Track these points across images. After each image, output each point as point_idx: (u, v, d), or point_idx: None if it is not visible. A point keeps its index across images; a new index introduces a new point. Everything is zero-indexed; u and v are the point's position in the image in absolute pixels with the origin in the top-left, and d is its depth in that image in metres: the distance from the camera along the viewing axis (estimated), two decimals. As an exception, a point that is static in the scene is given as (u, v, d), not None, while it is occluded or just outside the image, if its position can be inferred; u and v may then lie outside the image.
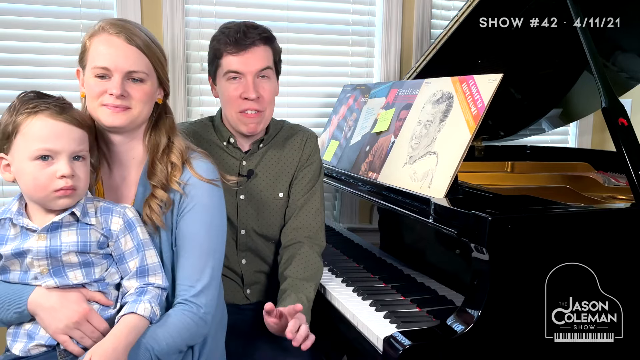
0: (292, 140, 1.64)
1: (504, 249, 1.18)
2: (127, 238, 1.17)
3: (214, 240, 1.26)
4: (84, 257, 1.13)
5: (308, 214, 1.58)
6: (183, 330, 1.18)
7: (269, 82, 1.54)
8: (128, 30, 1.19)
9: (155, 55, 1.23)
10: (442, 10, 2.65)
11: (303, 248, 1.53)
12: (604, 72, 1.41)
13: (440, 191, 1.37)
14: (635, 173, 1.31)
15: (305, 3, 2.47)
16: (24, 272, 1.13)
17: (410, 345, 1.13)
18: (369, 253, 1.73)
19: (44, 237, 1.10)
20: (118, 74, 1.17)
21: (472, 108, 1.42)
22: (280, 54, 1.60)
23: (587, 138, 2.94)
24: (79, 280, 1.13)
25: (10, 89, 2.12)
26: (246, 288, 1.61)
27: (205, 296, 1.22)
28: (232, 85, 1.51)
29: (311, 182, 1.61)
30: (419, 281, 1.45)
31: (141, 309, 1.12)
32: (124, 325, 1.10)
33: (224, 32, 1.52)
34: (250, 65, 1.49)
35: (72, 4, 2.17)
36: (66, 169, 1.08)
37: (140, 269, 1.17)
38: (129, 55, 1.18)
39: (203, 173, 1.26)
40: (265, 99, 1.52)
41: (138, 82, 1.20)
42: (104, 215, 1.16)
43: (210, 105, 2.39)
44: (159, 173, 1.23)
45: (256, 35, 1.49)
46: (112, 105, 1.18)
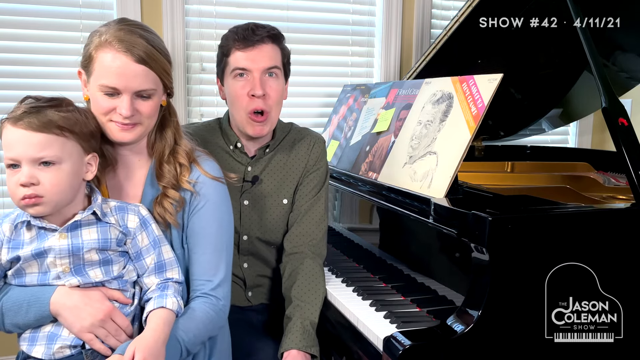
0: (300, 145, 1.62)
1: (504, 249, 1.18)
2: (143, 235, 1.18)
3: (225, 235, 1.29)
4: (104, 255, 1.14)
5: (312, 221, 1.56)
6: (207, 321, 1.22)
7: (277, 81, 1.52)
8: (136, 45, 1.15)
9: (161, 66, 1.19)
10: (442, 10, 2.65)
11: (306, 261, 1.51)
12: (604, 72, 1.41)
13: (440, 191, 1.37)
14: (635, 173, 1.31)
15: (305, 3, 2.47)
16: (43, 273, 1.12)
17: (410, 345, 1.13)
18: (369, 253, 1.73)
19: (65, 236, 1.10)
20: (127, 95, 1.15)
21: (472, 108, 1.42)
22: (289, 56, 1.58)
23: (587, 138, 2.94)
24: (99, 279, 1.14)
25: (10, 89, 2.13)
26: (248, 291, 1.62)
27: (223, 289, 1.26)
28: (239, 82, 1.50)
29: (316, 188, 1.59)
30: (419, 281, 1.45)
31: (170, 303, 1.15)
32: (159, 319, 1.13)
33: (232, 31, 1.51)
34: (258, 62, 1.48)
35: (72, 4, 2.18)
36: (23, 177, 1.05)
37: (158, 264, 1.19)
38: (137, 75, 1.15)
39: (211, 171, 1.29)
40: (271, 98, 1.50)
41: (146, 99, 1.18)
42: (120, 213, 1.17)
43: (210, 105, 2.39)
44: (167, 174, 1.24)
45: (264, 32, 1.48)
46: (122, 123, 1.17)
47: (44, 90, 1.16)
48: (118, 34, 1.15)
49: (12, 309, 1.12)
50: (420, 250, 1.49)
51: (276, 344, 1.45)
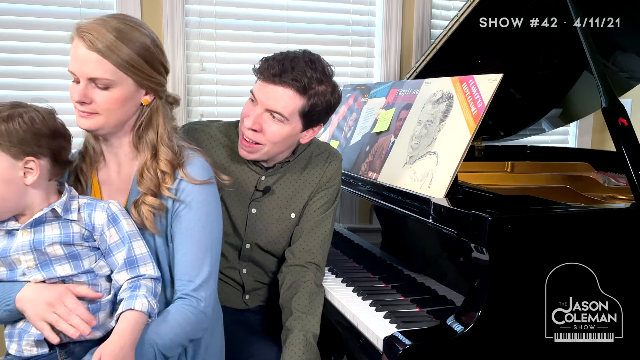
0: (316, 160, 1.57)
1: (504, 249, 1.18)
2: (111, 231, 1.17)
3: (210, 235, 1.26)
4: (70, 249, 1.14)
5: (317, 238, 1.54)
6: (185, 324, 1.19)
7: (278, 125, 1.41)
8: (97, 35, 1.13)
9: (125, 61, 1.15)
10: (442, 10, 2.65)
11: (308, 275, 1.49)
12: (604, 72, 1.41)
13: (440, 191, 1.37)
14: (635, 173, 1.31)
15: (305, 3, 2.47)
16: (11, 271, 1.14)
17: (410, 345, 1.13)
18: (369, 253, 1.73)
19: (28, 232, 1.12)
20: (83, 80, 1.15)
21: (472, 108, 1.42)
22: (322, 108, 1.44)
23: (587, 138, 2.94)
24: (67, 273, 1.14)
25: (10, 89, 2.13)
26: (246, 295, 1.61)
27: (205, 290, 1.23)
28: (248, 104, 1.45)
29: (326, 205, 1.56)
30: (419, 281, 1.45)
31: (138, 305, 1.12)
32: (126, 323, 1.11)
33: (272, 58, 1.42)
34: (266, 100, 1.40)
35: (72, 4, 2.18)
36: None
37: (128, 260, 1.17)
38: (89, 61, 1.14)
39: (197, 175, 1.24)
40: (267, 136, 1.42)
41: (103, 89, 1.16)
42: (87, 210, 1.17)
43: (210, 105, 2.40)
44: (147, 181, 1.21)
45: (290, 77, 1.37)
46: (79, 110, 1.18)
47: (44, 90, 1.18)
48: (89, 24, 1.15)
49: None
50: (420, 250, 1.49)
51: (275, 344, 1.45)
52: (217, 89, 2.40)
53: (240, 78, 2.41)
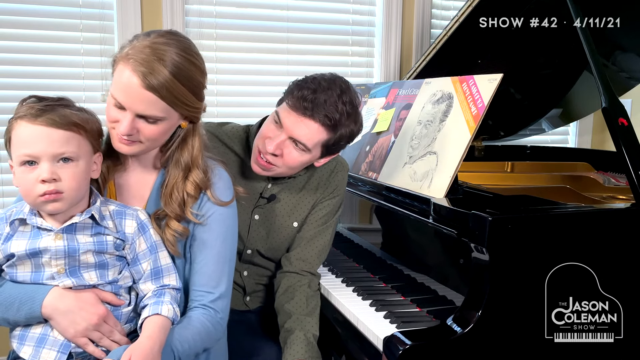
0: (323, 169, 1.56)
1: (504, 249, 1.18)
2: (141, 240, 1.18)
3: (229, 247, 1.27)
4: (100, 258, 1.13)
5: (315, 249, 1.53)
6: (203, 333, 1.20)
7: (299, 153, 1.40)
8: (154, 72, 1.08)
9: (177, 98, 1.12)
10: (442, 10, 2.65)
11: (304, 281, 1.50)
12: (604, 72, 1.41)
13: (440, 191, 1.37)
14: (635, 173, 1.31)
15: (305, 3, 2.47)
16: (37, 272, 1.12)
17: (410, 345, 1.13)
18: (369, 253, 1.73)
19: (61, 237, 1.10)
20: (130, 113, 1.12)
21: (472, 108, 1.42)
22: (343, 142, 1.44)
23: (587, 138, 2.94)
24: (94, 282, 1.13)
25: (10, 89, 2.13)
26: (246, 296, 1.61)
27: (222, 302, 1.24)
28: (271, 125, 1.41)
29: (328, 216, 1.56)
30: (419, 281, 1.45)
31: (165, 310, 1.14)
32: (154, 326, 1.12)
33: (308, 85, 1.38)
34: (291, 129, 1.37)
35: (72, 4, 2.18)
36: (45, 173, 1.05)
37: (154, 270, 1.18)
38: (143, 100, 1.10)
39: (223, 197, 1.24)
40: (284, 160, 1.40)
41: (151, 123, 1.14)
42: (118, 218, 1.16)
43: (210, 105, 2.37)
44: (174, 202, 1.20)
45: (322, 113, 1.35)
46: (120, 137, 1.15)
47: (44, 90, 1.16)
48: (143, 53, 1.09)
49: (4, 304, 1.11)
50: (420, 250, 1.49)
51: (276, 344, 1.45)
52: (217, 89, 2.40)
53: (240, 78, 2.42)
